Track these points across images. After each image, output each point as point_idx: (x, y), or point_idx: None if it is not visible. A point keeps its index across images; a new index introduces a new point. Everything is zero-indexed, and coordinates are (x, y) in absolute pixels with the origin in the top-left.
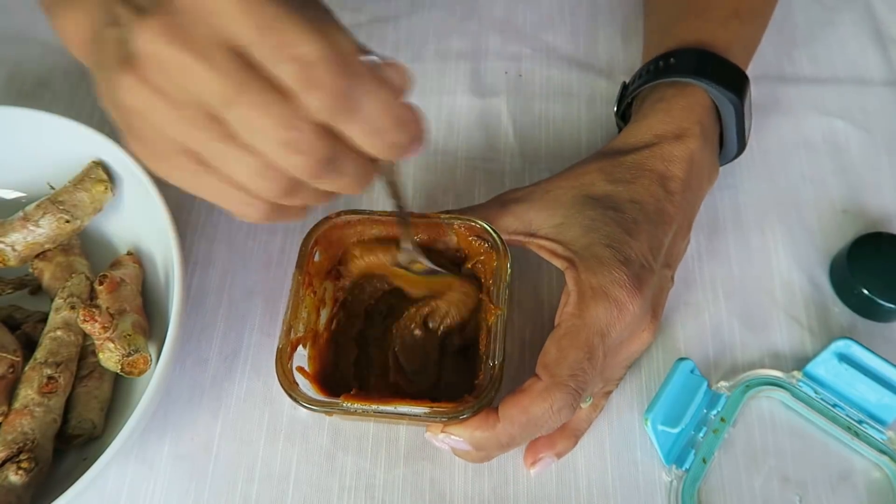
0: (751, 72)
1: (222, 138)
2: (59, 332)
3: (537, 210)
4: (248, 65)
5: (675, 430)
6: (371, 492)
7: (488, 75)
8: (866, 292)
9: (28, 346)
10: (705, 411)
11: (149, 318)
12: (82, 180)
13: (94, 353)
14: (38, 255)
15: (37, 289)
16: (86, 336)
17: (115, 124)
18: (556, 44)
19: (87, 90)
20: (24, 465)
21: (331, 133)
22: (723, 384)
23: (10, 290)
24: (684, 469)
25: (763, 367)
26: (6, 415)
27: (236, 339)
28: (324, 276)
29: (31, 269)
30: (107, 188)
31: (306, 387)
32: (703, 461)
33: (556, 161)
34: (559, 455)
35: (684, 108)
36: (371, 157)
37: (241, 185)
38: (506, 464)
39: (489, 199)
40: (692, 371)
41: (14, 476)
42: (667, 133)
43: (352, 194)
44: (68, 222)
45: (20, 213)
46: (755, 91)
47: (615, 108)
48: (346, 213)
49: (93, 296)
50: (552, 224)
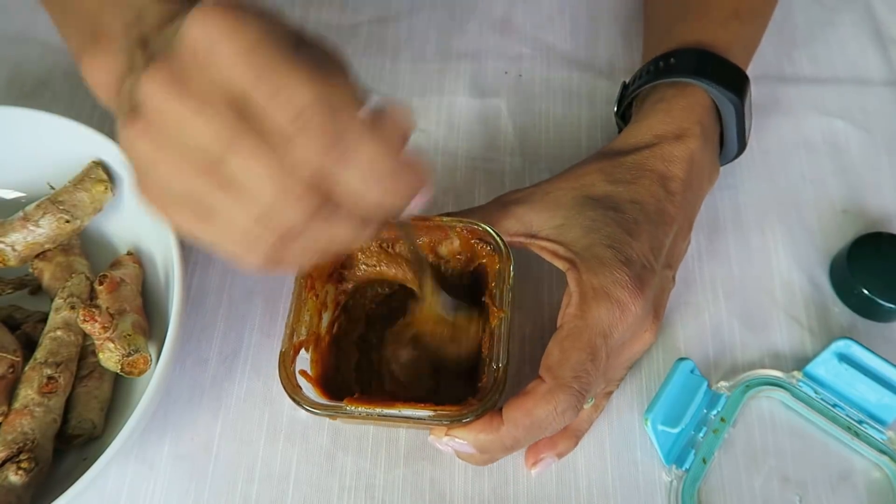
0: (751, 72)
1: (221, 187)
2: (59, 332)
3: (538, 211)
4: (246, 114)
5: (675, 430)
6: (371, 492)
7: (488, 75)
8: (866, 292)
9: (28, 346)
10: (705, 411)
11: (149, 318)
12: (82, 180)
13: (94, 353)
14: (38, 255)
15: (37, 289)
16: (86, 336)
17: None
18: (556, 44)
19: (87, 90)
20: (24, 465)
21: (325, 182)
22: (723, 384)
23: (10, 290)
24: (684, 469)
25: (763, 367)
26: (6, 415)
27: (236, 339)
28: (326, 280)
29: (31, 269)
30: (107, 188)
31: (309, 390)
32: (703, 461)
33: (556, 161)
34: (560, 455)
35: (684, 108)
36: (371, 209)
37: (240, 233)
38: (506, 464)
39: (489, 201)
40: (692, 371)
41: (14, 476)
42: (667, 133)
43: (355, 244)
44: (68, 222)
45: (20, 213)
46: (755, 91)
47: (615, 109)
48: None
49: (93, 296)
50: (553, 225)
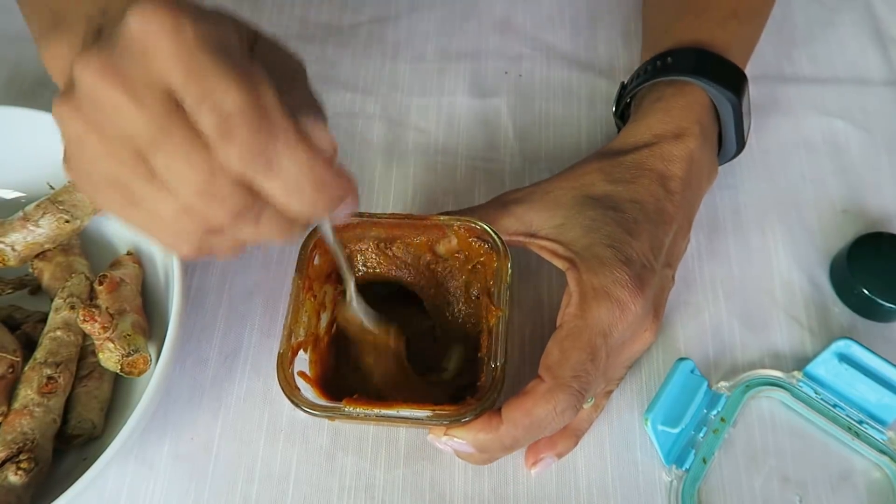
0: (750, 72)
1: (147, 177)
2: (58, 332)
3: (537, 211)
4: (176, 110)
5: (675, 430)
6: (371, 492)
7: (488, 75)
8: (866, 292)
9: (28, 346)
10: (705, 411)
11: (149, 318)
12: None
13: (94, 353)
14: (37, 255)
15: (37, 289)
16: (86, 336)
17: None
18: (556, 44)
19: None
20: (23, 465)
21: (249, 185)
22: (723, 384)
23: (10, 290)
24: (684, 469)
25: (763, 367)
26: (6, 415)
27: (236, 339)
28: (324, 280)
29: (31, 269)
30: None
31: (308, 391)
32: (703, 461)
33: (556, 161)
34: (560, 455)
35: (683, 107)
36: (294, 216)
37: (166, 223)
38: (506, 464)
39: (489, 200)
40: (692, 371)
41: (14, 476)
42: (666, 132)
43: (278, 243)
44: (68, 222)
45: (20, 213)
46: (755, 91)
47: (613, 108)
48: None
49: (93, 296)
50: (553, 225)
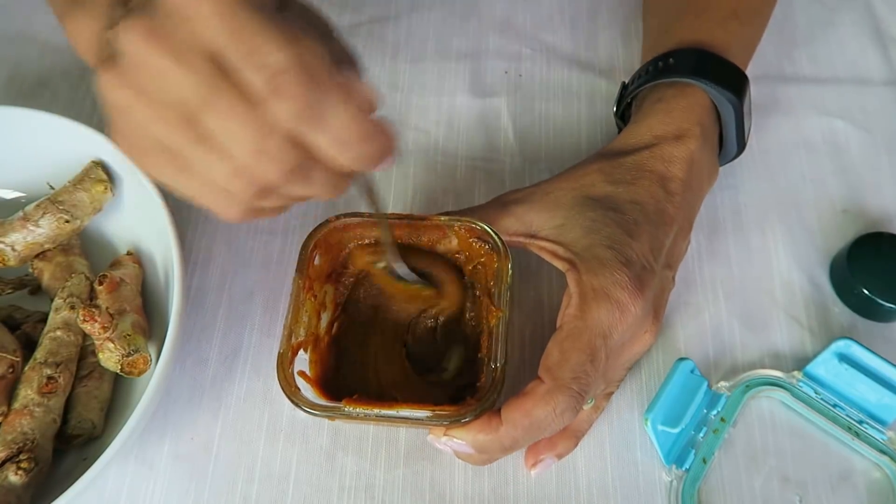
0: (751, 72)
1: (198, 140)
2: (58, 332)
3: (538, 211)
4: (224, 70)
5: (675, 430)
6: (371, 492)
7: (488, 75)
8: (866, 292)
9: (28, 346)
10: (705, 411)
11: (149, 318)
12: (82, 180)
13: (93, 353)
14: (37, 255)
15: (37, 289)
16: (86, 336)
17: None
18: (556, 44)
19: (86, 90)
20: (23, 465)
21: (300, 141)
22: (723, 384)
23: (10, 290)
24: (684, 469)
25: (763, 367)
26: (6, 415)
27: (236, 339)
28: (324, 280)
29: (30, 269)
30: (106, 188)
31: (308, 391)
32: (703, 461)
33: (556, 161)
34: (560, 456)
35: (684, 108)
36: (344, 169)
37: (217, 186)
38: (506, 464)
39: (489, 201)
40: (692, 371)
41: (14, 476)
42: (666, 134)
43: (326, 199)
44: (68, 222)
45: (20, 213)
46: (755, 91)
47: (614, 109)
48: (346, 215)
49: (92, 296)
50: (553, 225)
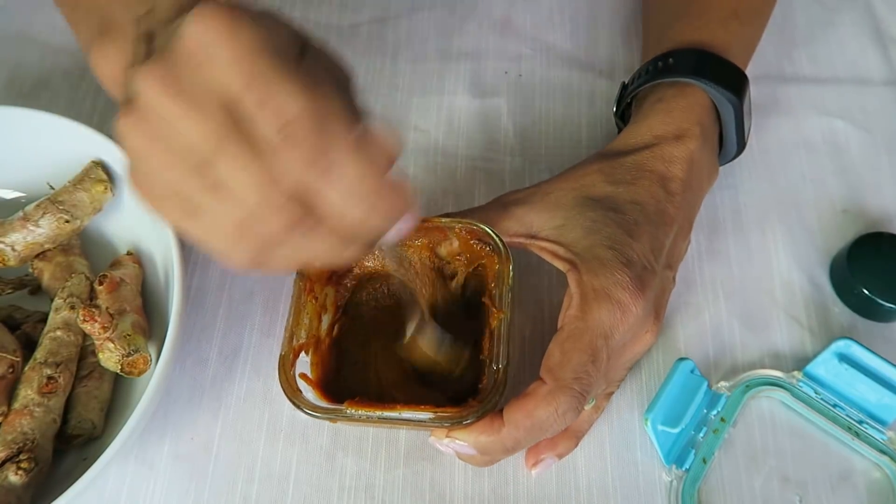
0: (751, 72)
1: (207, 188)
2: (58, 332)
3: (538, 212)
4: (236, 118)
5: (675, 430)
6: (371, 492)
7: (488, 75)
8: (866, 292)
9: (28, 346)
10: (705, 411)
11: (149, 318)
12: (82, 180)
13: (94, 353)
14: (37, 255)
15: (37, 289)
16: (86, 336)
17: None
18: (556, 44)
19: (86, 90)
20: (23, 465)
21: (308, 196)
22: (723, 384)
23: (10, 290)
24: (684, 469)
25: (763, 367)
26: (6, 415)
27: (236, 339)
28: (325, 282)
29: (31, 269)
30: (106, 188)
31: (309, 393)
32: (703, 461)
33: (556, 161)
34: (560, 456)
35: (684, 108)
36: (353, 228)
37: (225, 233)
38: (506, 464)
39: (489, 202)
40: (692, 371)
41: (14, 476)
42: (667, 134)
43: (337, 262)
44: (68, 222)
45: (20, 213)
46: (755, 91)
47: (614, 109)
48: None
49: (93, 296)
50: (553, 226)
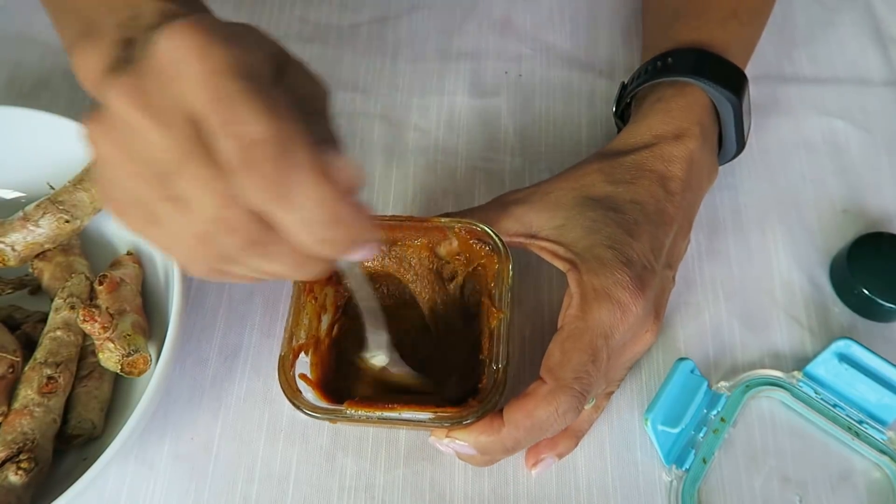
0: (751, 72)
1: (167, 199)
2: (58, 332)
3: (538, 211)
4: (201, 136)
5: (675, 430)
6: (371, 492)
7: (488, 75)
8: (866, 292)
9: (28, 346)
10: (705, 411)
11: (149, 318)
12: (82, 180)
13: (94, 353)
14: (37, 255)
15: (37, 289)
16: (86, 336)
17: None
18: (556, 44)
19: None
20: (23, 465)
21: (265, 217)
22: (723, 384)
23: (10, 290)
24: (684, 469)
25: (763, 367)
26: (6, 415)
27: (236, 339)
28: (325, 282)
29: (31, 269)
30: None
31: (309, 393)
32: (703, 461)
33: (556, 161)
34: (560, 456)
35: (683, 107)
36: (309, 253)
37: (183, 245)
38: (506, 464)
39: (489, 201)
40: (692, 371)
41: (14, 476)
42: (666, 133)
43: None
44: (68, 222)
45: (20, 213)
46: (755, 91)
47: (614, 109)
48: None
49: (93, 296)
50: (553, 225)
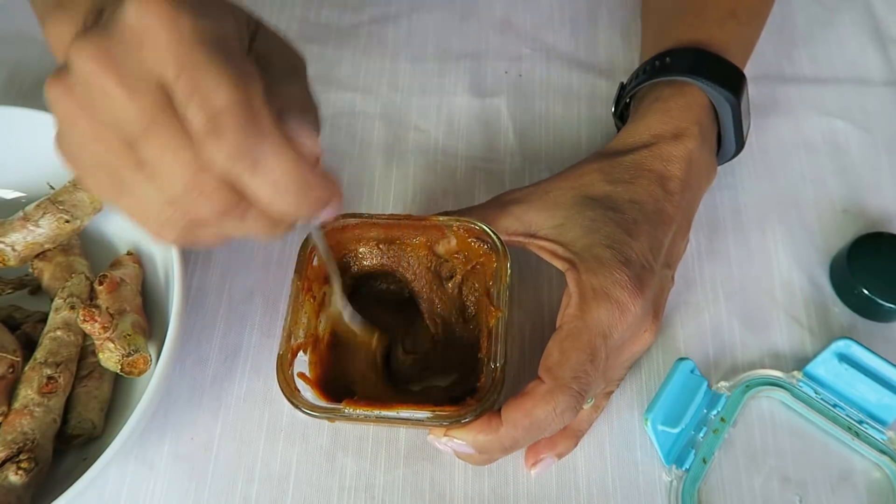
0: (750, 72)
1: (135, 165)
2: (58, 332)
3: (537, 211)
4: (167, 103)
5: (675, 430)
6: (371, 492)
7: (488, 75)
8: (866, 292)
9: (28, 346)
10: (705, 411)
11: (149, 318)
12: None
13: (94, 353)
14: (37, 255)
15: (37, 289)
16: (86, 336)
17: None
18: (556, 44)
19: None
20: (23, 465)
21: (235, 183)
22: (723, 384)
23: (10, 290)
24: (684, 469)
25: (763, 367)
26: (6, 415)
27: (236, 339)
28: (323, 281)
29: (31, 269)
30: None
31: (307, 392)
32: (703, 461)
33: (556, 161)
34: (560, 456)
35: (682, 107)
36: (279, 216)
37: (152, 211)
38: (506, 464)
39: (488, 200)
40: (692, 371)
41: (14, 476)
42: (665, 133)
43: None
44: (68, 222)
45: (20, 213)
46: (755, 91)
47: (613, 109)
48: (345, 216)
49: (93, 296)
50: (552, 225)
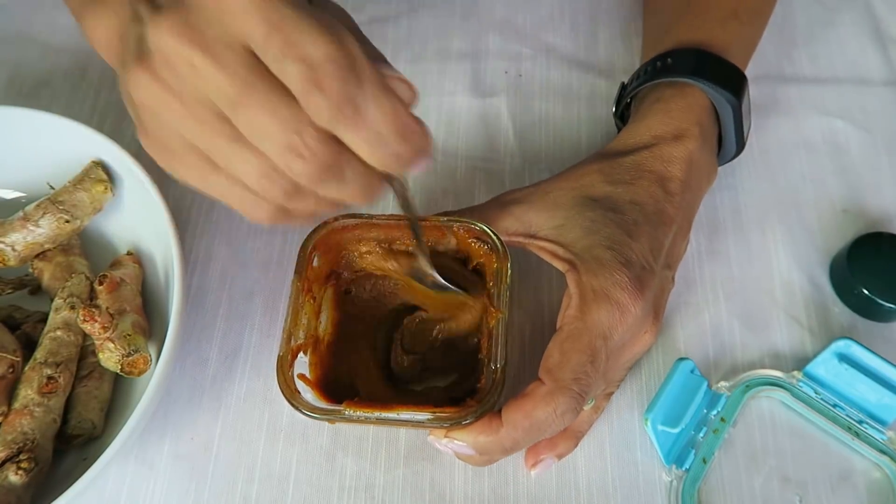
0: (751, 72)
1: (229, 138)
2: (58, 332)
3: (537, 211)
4: (258, 65)
5: (675, 430)
6: (371, 492)
7: (488, 75)
8: (866, 292)
9: (28, 346)
10: (705, 411)
11: (149, 318)
12: (82, 180)
13: (94, 353)
14: (37, 255)
15: (37, 289)
16: (86, 336)
17: (132, 120)
18: (556, 44)
19: (86, 90)
20: (23, 465)
21: (335, 140)
22: (723, 384)
23: (10, 290)
24: (684, 469)
25: (763, 367)
26: (6, 415)
27: (236, 339)
28: (323, 282)
29: (31, 269)
30: (107, 188)
31: (308, 393)
32: (703, 461)
33: (556, 161)
34: (560, 456)
35: (683, 108)
36: (377, 169)
37: (247, 186)
38: (506, 464)
39: (488, 200)
40: (692, 371)
41: (14, 476)
42: (665, 134)
43: (360, 203)
44: (68, 222)
45: (20, 213)
46: (755, 91)
47: (613, 109)
48: (345, 217)
49: (93, 296)
50: (552, 225)
